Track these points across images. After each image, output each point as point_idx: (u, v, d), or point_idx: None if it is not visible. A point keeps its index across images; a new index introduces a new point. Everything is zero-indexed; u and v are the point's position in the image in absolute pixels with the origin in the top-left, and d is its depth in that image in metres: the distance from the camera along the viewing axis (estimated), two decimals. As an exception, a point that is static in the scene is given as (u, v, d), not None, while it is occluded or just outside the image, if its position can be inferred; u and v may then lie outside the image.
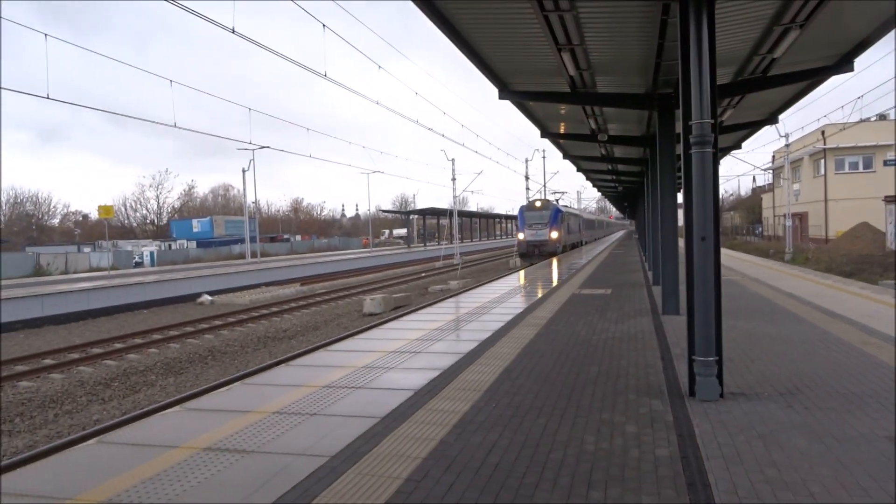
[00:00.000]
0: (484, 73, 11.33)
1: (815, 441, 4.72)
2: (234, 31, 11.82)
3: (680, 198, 15.98)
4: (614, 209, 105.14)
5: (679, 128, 6.85)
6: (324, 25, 14.21)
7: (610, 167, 29.25)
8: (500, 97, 12.59)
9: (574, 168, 32.93)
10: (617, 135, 18.79)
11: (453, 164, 47.18)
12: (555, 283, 18.42)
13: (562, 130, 18.91)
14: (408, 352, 8.50)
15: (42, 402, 11.50)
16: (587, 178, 41.16)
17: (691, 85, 5.99)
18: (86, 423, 10.23)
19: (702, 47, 5.93)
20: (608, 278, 19.59)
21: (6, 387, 12.52)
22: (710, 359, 5.89)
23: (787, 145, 41.17)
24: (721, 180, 6.47)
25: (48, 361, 14.87)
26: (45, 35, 14.26)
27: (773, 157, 55.50)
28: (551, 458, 4.48)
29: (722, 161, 39.31)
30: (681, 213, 8.67)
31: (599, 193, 66.94)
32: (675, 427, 5.13)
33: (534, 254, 39.67)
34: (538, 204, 41.74)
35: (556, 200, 49.74)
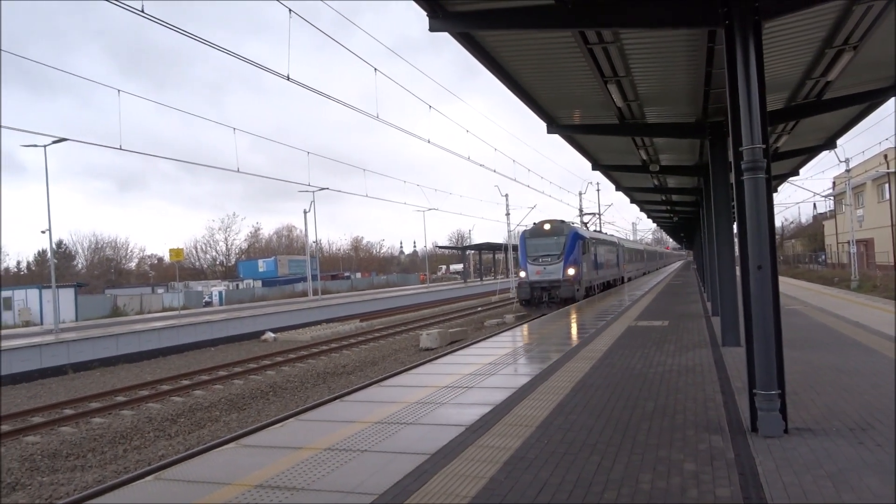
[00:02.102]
0: (531, 108, 11.41)
1: (890, 481, 4.44)
2: (288, 78, 12.29)
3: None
4: (670, 240, 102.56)
5: (731, 156, 6.71)
6: (375, 69, 14.63)
7: (663, 198, 28.80)
8: (549, 132, 12.64)
9: (628, 200, 32.49)
10: (669, 165, 18.50)
11: (507, 199, 47.31)
12: (610, 315, 18.06)
13: (612, 162, 18.75)
14: (461, 387, 8.46)
15: (113, 437, 11.91)
16: (641, 210, 40.39)
17: (740, 109, 5.87)
18: (151, 459, 10.53)
19: (749, 71, 5.83)
20: (666, 309, 19.08)
21: (81, 422, 13.05)
22: (772, 392, 5.64)
23: (847, 171, 39.56)
24: (779, 208, 6.42)
25: (120, 398, 15.44)
26: (119, 90, 15.18)
27: (834, 183, 53.35)
28: (605, 499, 4.35)
29: (780, 188, 37.53)
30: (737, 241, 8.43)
31: (655, 224, 65.58)
32: (736, 465, 4.92)
33: (541, 300, 27.38)
34: (547, 227, 28.60)
35: (585, 223, 40.27)
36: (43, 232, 31.81)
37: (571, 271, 26.91)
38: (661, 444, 5.54)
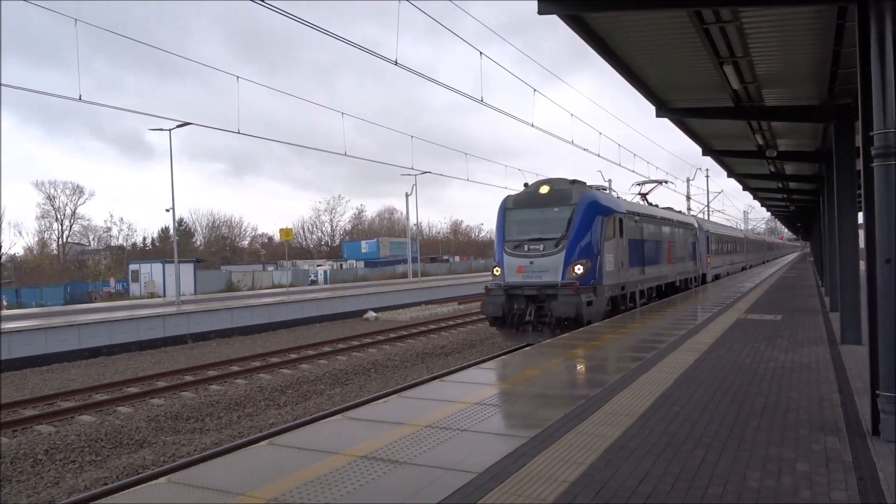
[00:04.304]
0: (640, 91, 11.09)
1: None
2: (396, 63, 12.53)
3: (861, 217, 14.45)
4: (785, 230, 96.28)
5: (859, 141, 6.26)
6: (481, 53, 14.63)
7: (780, 185, 27.13)
8: (658, 115, 12.24)
9: (740, 187, 30.86)
10: (787, 150, 17.46)
11: (609, 184, 46.15)
12: (719, 307, 17.34)
13: (724, 147, 17.90)
14: (556, 373, 8.43)
15: (228, 404, 12.75)
16: (755, 198, 38.22)
17: (872, 91, 5.47)
18: (262, 426, 11.19)
19: (885, 48, 5.40)
20: (778, 303, 18.08)
21: (199, 389, 14.05)
22: (898, 395, 5.26)
23: None
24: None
25: (234, 368, 16.47)
26: (238, 77, 16.07)
27: None
28: (709, 493, 4.25)
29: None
30: (862, 233, 7.87)
31: (769, 213, 61.63)
32: (854, 468, 4.66)
33: (523, 320, 15.74)
34: (544, 190, 16.68)
35: (608, 188, 22.09)
36: (167, 210, 34.25)
37: (580, 269, 15.24)
38: (772, 441, 5.32)
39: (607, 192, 19.04)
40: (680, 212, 26.07)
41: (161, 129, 28.68)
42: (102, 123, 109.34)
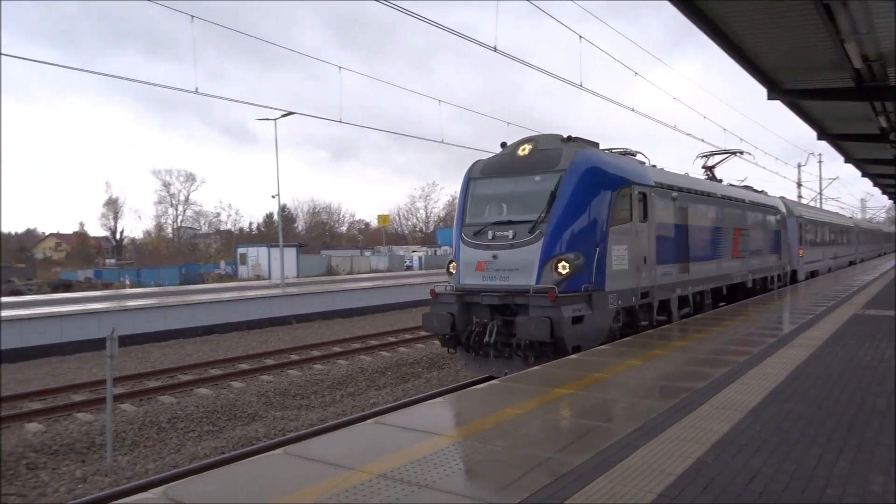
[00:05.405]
0: (751, 72, 10.61)
1: None
2: (495, 50, 12.54)
3: None
4: None
5: None
6: (580, 37, 14.38)
7: (907, 170, 25.09)
8: (770, 98, 11.67)
9: (858, 173, 28.81)
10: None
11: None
12: (832, 300, 16.34)
13: (842, 131, 16.76)
14: (668, 363, 8.27)
15: (331, 383, 13.31)
16: (875, 184, 35.53)
17: None
18: (364, 406, 11.62)
19: None
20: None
21: (304, 368, 14.74)
22: None
23: None
24: None
25: (336, 349, 17.15)
26: (340, 67, 16.55)
27: None
28: (827, 495, 4.08)
29: None
30: None
31: (891, 201, 56.69)
32: None
33: (481, 340, 10.69)
34: (525, 150, 11.47)
35: (636, 155, 13.20)
36: (273, 197, 35.85)
37: (565, 267, 10.31)
38: (896, 444, 5.02)
39: (636, 158, 12.92)
40: (761, 191, 20.97)
41: (267, 119, 30.03)
42: (212, 113, 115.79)
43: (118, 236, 77.05)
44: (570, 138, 11.48)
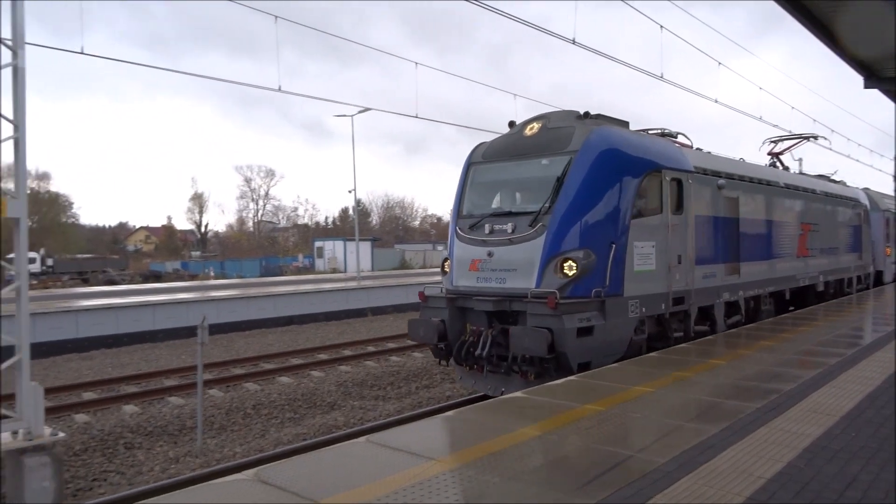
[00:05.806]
0: (845, 59, 10.07)
1: None
2: (574, 42, 12.37)
3: None
4: None
5: None
6: (661, 27, 13.99)
7: None
8: (866, 86, 11.08)
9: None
10: None
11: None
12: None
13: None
14: (752, 361, 7.99)
15: (406, 375, 13.52)
16: None
17: None
18: (439, 398, 11.75)
19: None
20: None
21: (381, 359, 15.03)
22: None
23: None
24: None
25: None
26: (416, 63, 16.73)
27: None
28: (930, 505, 3.87)
29: None
30: None
31: None
32: None
33: (473, 352, 9.19)
34: (532, 129, 9.93)
35: (675, 136, 11.63)
36: (349, 192, 36.73)
37: (572, 267, 8.60)
38: None
39: (676, 140, 11.34)
40: (839, 182, 18.78)
41: (344, 115, 30.70)
42: (291, 110, 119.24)
43: (203, 229, 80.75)
44: (587, 115, 9.86)
